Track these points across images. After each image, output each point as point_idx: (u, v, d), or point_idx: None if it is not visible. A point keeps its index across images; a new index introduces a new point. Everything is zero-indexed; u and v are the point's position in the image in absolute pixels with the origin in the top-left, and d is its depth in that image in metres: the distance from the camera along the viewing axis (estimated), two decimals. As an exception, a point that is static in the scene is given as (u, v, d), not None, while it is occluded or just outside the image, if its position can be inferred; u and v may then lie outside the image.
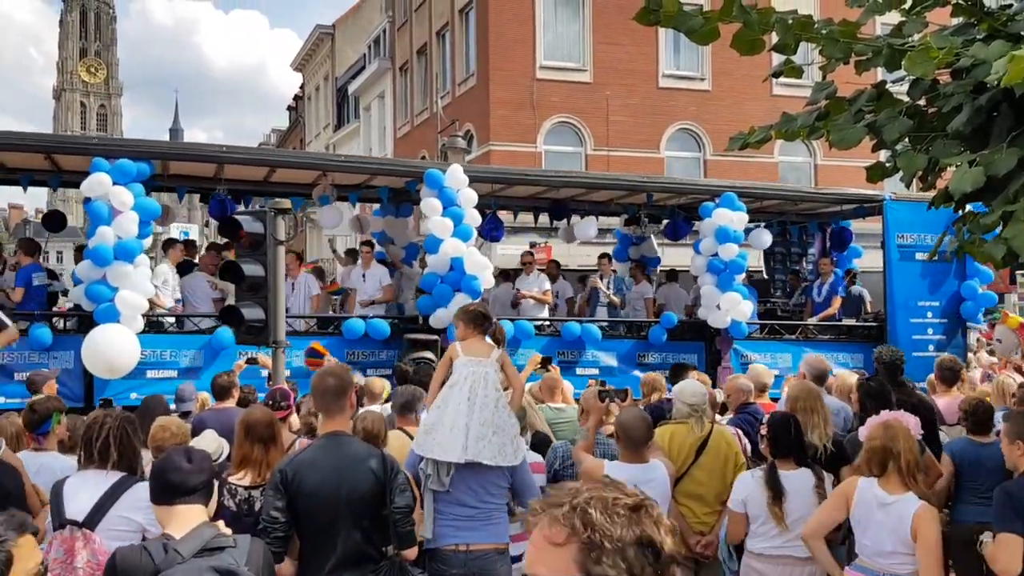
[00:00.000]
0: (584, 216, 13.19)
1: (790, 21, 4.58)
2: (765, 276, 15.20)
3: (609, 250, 14.19)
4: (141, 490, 4.10)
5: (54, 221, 12.31)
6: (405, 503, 4.19)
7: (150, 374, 9.50)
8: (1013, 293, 19.88)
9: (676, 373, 8.41)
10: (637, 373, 11.06)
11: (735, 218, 11.27)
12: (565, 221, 13.46)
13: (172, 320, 10.53)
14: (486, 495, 4.83)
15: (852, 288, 12.74)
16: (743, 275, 11.50)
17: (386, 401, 7.10)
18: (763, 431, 4.97)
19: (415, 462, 4.87)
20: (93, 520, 3.88)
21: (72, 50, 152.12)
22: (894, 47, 4.53)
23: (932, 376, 7.98)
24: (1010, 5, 4.89)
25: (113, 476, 4.05)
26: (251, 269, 7.28)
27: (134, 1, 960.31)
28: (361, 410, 5.86)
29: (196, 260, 11.99)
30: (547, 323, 11.81)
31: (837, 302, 12.58)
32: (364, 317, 10.61)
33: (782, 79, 5.39)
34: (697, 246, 11.67)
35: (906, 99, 4.89)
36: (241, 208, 12.54)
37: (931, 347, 11.57)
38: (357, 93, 36.76)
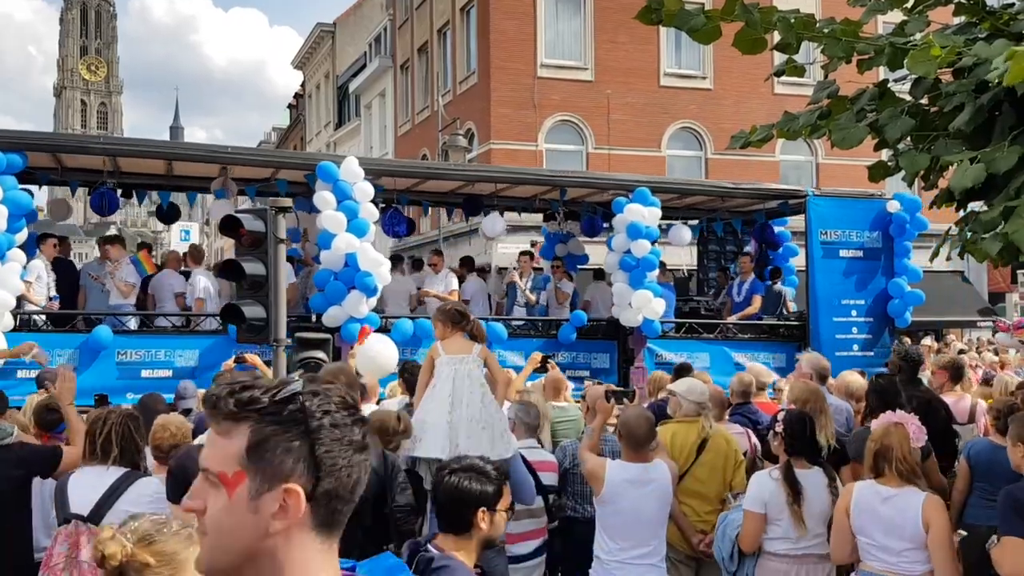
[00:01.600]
0: (504, 212, 12.72)
1: (792, 20, 4.58)
2: (699, 274, 14.81)
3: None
4: (145, 485, 4.12)
5: None
6: (406, 501, 4.21)
7: (20, 374, 8.86)
8: (1014, 292, 19.85)
9: (679, 372, 8.42)
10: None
11: (647, 214, 10.87)
12: (481, 217, 12.98)
13: (45, 318, 9.93)
14: None
15: (774, 286, 12.42)
16: (656, 272, 11.05)
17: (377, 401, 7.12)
18: (778, 428, 4.92)
19: (408, 464, 4.90)
20: (98, 515, 3.90)
21: (72, 48, 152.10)
22: (896, 46, 4.54)
23: (930, 375, 7.95)
24: (1012, 4, 4.90)
25: (115, 471, 4.06)
26: (252, 267, 7.28)
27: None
28: (369, 408, 5.86)
29: (71, 257, 11.56)
30: None
31: (757, 301, 12.22)
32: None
33: (784, 78, 5.39)
34: (610, 243, 11.26)
35: (908, 98, 4.90)
36: (133, 202, 12.23)
37: (855, 347, 11.24)
38: (358, 91, 36.69)
